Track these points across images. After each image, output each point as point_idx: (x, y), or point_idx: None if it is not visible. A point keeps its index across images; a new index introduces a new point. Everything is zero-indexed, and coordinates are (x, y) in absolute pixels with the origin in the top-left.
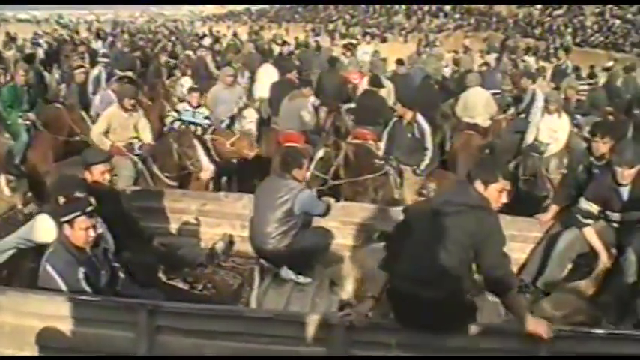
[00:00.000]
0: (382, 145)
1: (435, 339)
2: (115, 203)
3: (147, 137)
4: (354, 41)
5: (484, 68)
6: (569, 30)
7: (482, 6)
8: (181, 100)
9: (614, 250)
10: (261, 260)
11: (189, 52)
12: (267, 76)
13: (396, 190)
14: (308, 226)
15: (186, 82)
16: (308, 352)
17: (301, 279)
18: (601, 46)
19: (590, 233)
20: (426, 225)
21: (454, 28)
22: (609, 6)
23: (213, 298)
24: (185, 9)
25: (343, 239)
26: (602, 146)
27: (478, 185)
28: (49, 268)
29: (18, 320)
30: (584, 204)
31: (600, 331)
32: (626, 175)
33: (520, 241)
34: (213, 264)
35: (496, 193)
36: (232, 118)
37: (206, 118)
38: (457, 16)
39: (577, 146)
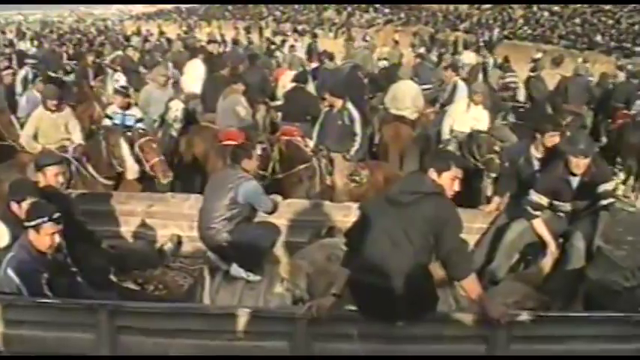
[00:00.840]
0: (313, 138)
1: (396, 328)
2: (66, 206)
3: (77, 137)
4: (283, 37)
5: (418, 61)
6: (498, 23)
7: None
8: (109, 103)
9: (560, 240)
10: (209, 254)
11: (120, 52)
12: (195, 70)
13: (328, 177)
14: (252, 220)
15: (120, 77)
16: (270, 346)
17: (251, 276)
18: (529, 38)
19: (540, 225)
20: (385, 216)
21: (384, 22)
22: None
23: (165, 298)
24: (114, 8)
25: (291, 236)
26: (549, 140)
27: (431, 173)
28: (10, 272)
29: None
30: (534, 196)
31: (555, 314)
32: (581, 164)
33: (464, 232)
34: (162, 265)
35: (449, 181)
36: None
37: (139, 120)
38: (387, 10)
39: (506, 137)
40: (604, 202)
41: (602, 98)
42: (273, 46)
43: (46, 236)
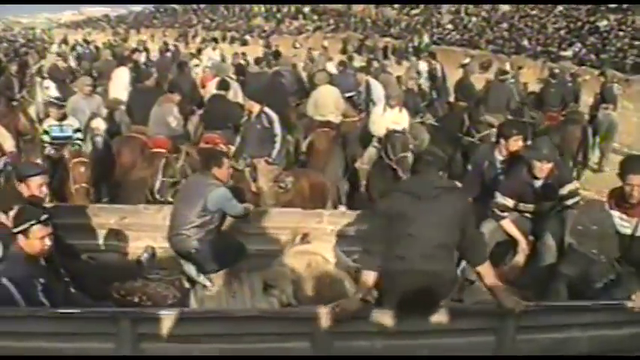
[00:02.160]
0: (233, 147)
1: (409, 323)
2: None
3: (9, 145)
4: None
5: (341, 68)
6: (427, 28)
7: (340, 6)
8: (47, 115)
9: (531, 237)
10: (182, 262)
11: (45, 61)
12: (121, 79)
13: (252, 184)
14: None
15: (49, 84)
16: (293, 347)
17: (205, 281)
18: (458, 43)
19: (509, 224)
20: (421, 211)
21: (313, 29)
22: (464, 4)
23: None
24: (42, 17)
25: (264, 244)
26: (513, 144)
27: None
28: (4, 281)
29: None
30: (501, 199)
31: (558, 304)
32: (544, 169)
33: None
34: (141, 276)
35: None
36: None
37: (77, 130)
38: (315, 17)
39: (420, 136)
40: (569, 201)
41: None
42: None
43: (35, 240)
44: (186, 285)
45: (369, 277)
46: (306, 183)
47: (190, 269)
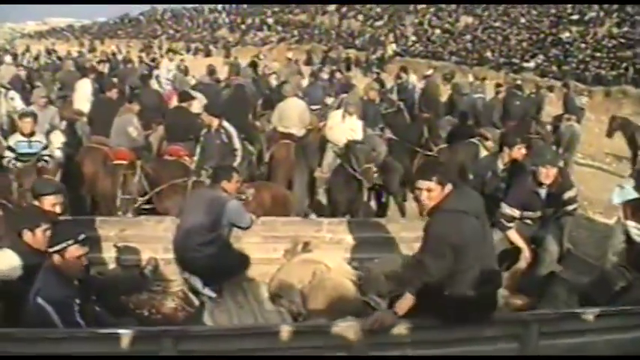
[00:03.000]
0: (196, 157)
1: (440, 332)
2: None
3: None
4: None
5: (312, 79)
6: (391, 40)
7: (304, 18)
8: (13, 130)
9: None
10: (185, 275)
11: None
12: (84, 89)
13: None
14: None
15: (14, 95)
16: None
17: (208, 292)
18: (421, 55)
19: (514, 234)
20: (484, 231)
21: (277, 40)
22: (428, 16)
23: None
24: (6, 26)
25: (265, 253)
26: (516, 152)
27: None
28: (40, 301)
29: None
30: (507, 209)
31: (577, 310)
32: (550, 174)
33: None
34: (146, 289)
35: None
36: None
37: (45, 147)
38: (280, 28)
39: (377, 146)
40: (569, 207)
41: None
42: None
43: (72, 260)
44: (190, 296)
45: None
46: (268, 195)
47: (196, 282)
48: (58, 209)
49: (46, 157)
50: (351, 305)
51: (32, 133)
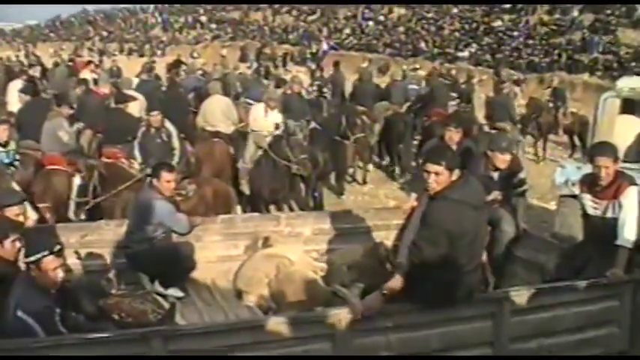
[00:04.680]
0: (137, 157)
1: (419, 316)
2: None
3: None
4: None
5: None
6: (324, 34)
7: (237, 15)
8: None
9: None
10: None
11: None
12: (13, 93)
13: None
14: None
15: None
16: (314, 348)
17: (174, 292)
18: (356, 48)
19: None
20: (479, 221)
21: (211, 38)
22: (360, 9)
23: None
24: None
25: (227, 250)
26: (455, 135)
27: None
28: (21, 315)
29: None
30: None
31: (546, 285)
32: (506, 160)
33: (384, 229)
34: (113, 294)
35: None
36: None
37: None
38: (213, 26)
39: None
40: (520, 189)
41: (421, 98)
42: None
43: (48, 271)
44: (159, 298)
45: (398, 277)
46: (210, 190)
47: (145, 281)
48: (22, 219)
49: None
50: (320, 296)
51: (7, 142)
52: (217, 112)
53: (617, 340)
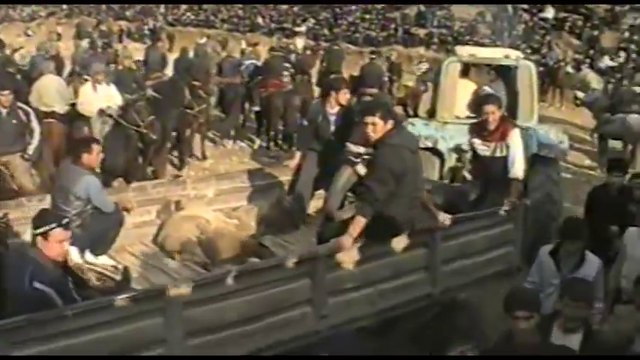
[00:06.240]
0: None
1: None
2: None
3: None
4: None
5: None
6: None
7: None
8: None
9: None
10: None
11: None
12: None
13: (12, 181)
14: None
15: None
16: (296, 286)
17: (102, 260)
18: (193, 24)
19: (362, 168)
20: (416, 164)
21: (46, 15)
22: None
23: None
24: None
25: (141, 217)
26: (342, 97)
27: None
28: (39, 286)
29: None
30: (352, 147)
31: (460, 215)
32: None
33: (278, 186)
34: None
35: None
36: None
37: None
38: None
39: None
40: None
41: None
42: None
43: (55, 243)
44: (97, 268)
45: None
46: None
47: (74, 254)
48: None
49: None
50: (251, 248)
51: None
52: (52, 92)
53: (514, 258)
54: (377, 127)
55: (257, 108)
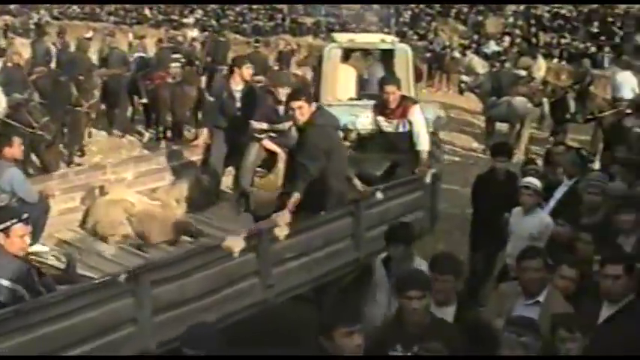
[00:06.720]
0: None
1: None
2: None
3: None
4: None
5: None
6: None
7: None
8: None
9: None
10: None
11: None
12: None
13: None
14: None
15: None
16: (245, 260)
17: (38, 247)
18: (79, 17)
19: (268, 143)
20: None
21: None
22: None
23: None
24: None
25: (66, 204)
26: (246, 72)
27: None
28: (4, 282)
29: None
30: (256, 124)
31: (380, 186)
32: (285, 93)
33: (191, 165)
34: None
35: None
36: None
37: None
38: None
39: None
40: None
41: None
42: None
43: (16, 238)
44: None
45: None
46: None
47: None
48: None
49: None
50: (181, 227)
51: None
52: None
53: (425, 221)
54: (303, 109)
55: (145, 100)
